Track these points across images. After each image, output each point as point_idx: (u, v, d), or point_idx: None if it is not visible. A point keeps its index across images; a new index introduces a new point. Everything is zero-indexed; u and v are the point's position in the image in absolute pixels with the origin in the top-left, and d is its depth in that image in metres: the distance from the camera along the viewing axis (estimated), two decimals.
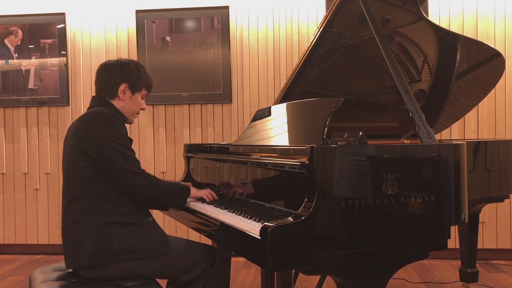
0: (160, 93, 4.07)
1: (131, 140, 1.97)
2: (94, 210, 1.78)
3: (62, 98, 4.18)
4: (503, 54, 2.96)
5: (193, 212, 2.04)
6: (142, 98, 2.03)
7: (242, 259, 3.82)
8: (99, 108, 1.89)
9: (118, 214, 1.80)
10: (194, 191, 2.07)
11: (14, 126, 4.26)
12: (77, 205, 1.80)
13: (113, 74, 1.95)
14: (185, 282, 1.95)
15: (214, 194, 2.12)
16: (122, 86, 1.95)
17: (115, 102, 1.96)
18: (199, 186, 2.39)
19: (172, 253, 1.85)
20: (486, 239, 3.86)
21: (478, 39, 3.53)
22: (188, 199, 2.08)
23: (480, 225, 3.50)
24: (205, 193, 2.10)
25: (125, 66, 1.97)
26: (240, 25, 4.04)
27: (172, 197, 1.98)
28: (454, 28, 3.81)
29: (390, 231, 1.57)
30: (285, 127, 2.15)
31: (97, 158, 1.78)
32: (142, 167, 1.90)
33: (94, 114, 1.84)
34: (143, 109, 2.06)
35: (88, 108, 1.96)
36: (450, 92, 2.77)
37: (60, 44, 4.16)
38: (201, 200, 2.12)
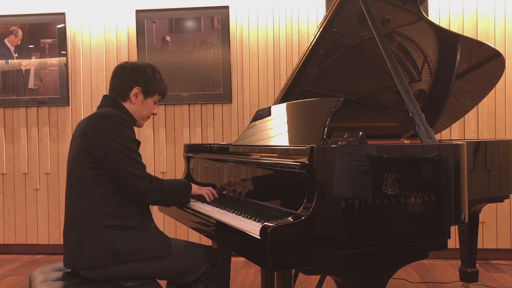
0: None
1: (139, 143, 1.97)
2: (96, 211, 1.77)
3: (62, 98, 4.18)
4: (503, 54, 2.96)
5: (193, 212, 2.04)
6: (154, 103, 2.02)
7: (242, 259, 3.82)
8: (108, 109, 1.88)
9: (121, 217, 1.79)
10: (195, 188, 2.07)
11: (14, 126, 4.26)
12: (79, 205, 1.80)
13: (128, 76, 1.94)
14: (186, 283, 1.95)
15: (215, 193, 2.11)
16: (135, 90, 1.94)
17: (126, 105, 1.95)
18: (200, 185, 2.39)
19: (173, 256, 1.85)
20: (486, 239, 3.86)
21: (478, 39, 3.53)
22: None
23: (480, 225, 3.50)
24: (206, 191, 2.09)
25: (141, 69, 1.96)
26: (240, 25, 4.04)
27: (176, 197, 1.98)
28: (454, 28, 3.81)
29: (390, 231, 1.57)
30: (285, 127, 2.15)
31: (103, 160, 1.77)
32: None
33: (103, 115, 1.83)
34: (154, 114, 2.05)
35: (98, 107, 1.96)
36: (450, 92, 2.77)
37: (60, 44, 4.16)
38: (201, 199, 2.12)
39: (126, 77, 1.94)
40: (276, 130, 2.19)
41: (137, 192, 1.80)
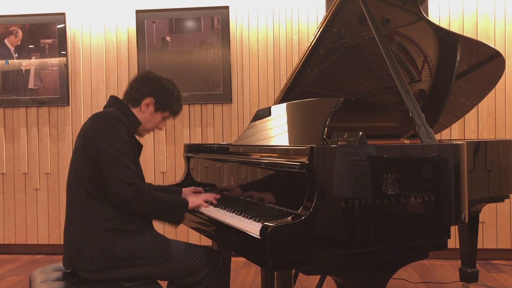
0: None
1: (140, 146, 1.95)
2: (95, 213, 1.76)
3: (62, 98, 4.18)
4: (503, 54, 2.96)
5: (193, 212, 2.04)
6: (163, 119, 2.00)
7: (242, 259, 3.82)
8: (109, 109, 1.87)
9: (120, 221, 1.78)
10: (191, 202, 1.96)
11: (14, 126, 4.26)
12: (78, 206, 1.79)
13: (146, 85, 1.93)
14: (186, 284, 1.94)
15: (211, 199, 2.04)
16: (148, 100, 1.92)
17: (136, 111, 1.93)
18: (199, 186, 2.38)
19: (173, 258, 1.83)
20: (486, 239, 3.86)
21: (478, 39, 3.53)
22: None
23: (480, 225, 3.50)
24: (203, 199, 2.02)
25: (162, 81, 1.95)
26: (240, 25, 4.04)
27: (165, 213, 1.87)
28: (454, 28, 3.81)
29: (390, 231, 1.57)
30: (285, 127, 2.15)
31: (95, 161, 1.76)
32: (142, 167, 1.88)
33: (101, 115, 1.83)
34: (159, 128, 2.03)
35: (104, 107, 1.95)
36: (450, 92, 2.77)
37: (60, 44, 4.16)
38: None
39: (145, 85, 1.93)
40: (276, 130, 2.19)
41: (119, 198, 1.74)
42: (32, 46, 4.19)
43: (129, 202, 1.74)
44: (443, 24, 3.80)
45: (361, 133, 1.63)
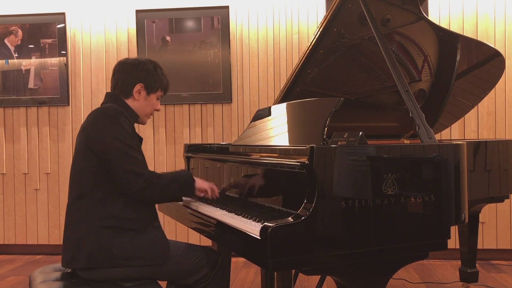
0: None
1: (141, 139, 1.94)
2: (96, 211, 1.76)
3: (62, 98, 4.18)
4: (503, 54, 2.96)
5: (194, 212, 2.04)
6: (157, 99, 1.99)
7: (242, 259, 3.82)
8: (108, 104, 1.87)
9: (121, 219, 1.77)
10: (199, 182, 1.96)
11: (14, 126, 4.26)
12: (80, 204, 1.79)
13: (130, 73, 1.92)
14: (186, 284, 1.94)
15: (216, 191, 2.03)
16: (138, 86, 1.92)
17: (130, 102, 1.93)
18: None
19: (172, 258, 1.83)
20: (486, 239, 3.86)
21: (478, 39, 3.53)
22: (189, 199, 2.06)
23: (480, 225, 3.50)
24: (209, 186, 2.00)
25: (142, 65, 1.94)
26: (240, 25, 4.04)
27: (177, 190, 1.88)
28: (454, 28, 3.81)
29: (390, 231, 1.57)
30: (285, 127, 2.15)
31: (101, 157, 1.76)
32: None
33: (101, 110, 1.83)
34: (157, 110, 2.02)
35: (101, 105, 1.95)
36: (450, 92, 2.77)
37: (60, 44, 4.16)
38: (202, 200, 2.10)
39: (128, 74, 1.92)
40: (276, 130, 2.19)
41: (131, 190, 1.75)
42: (32, 46, 4.19)
43: (140, 192, 1.75)
44: (443, 24, 3.80)
45: (361, 133, 1.63)
